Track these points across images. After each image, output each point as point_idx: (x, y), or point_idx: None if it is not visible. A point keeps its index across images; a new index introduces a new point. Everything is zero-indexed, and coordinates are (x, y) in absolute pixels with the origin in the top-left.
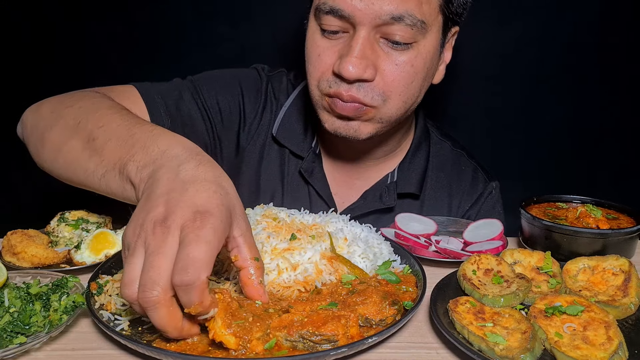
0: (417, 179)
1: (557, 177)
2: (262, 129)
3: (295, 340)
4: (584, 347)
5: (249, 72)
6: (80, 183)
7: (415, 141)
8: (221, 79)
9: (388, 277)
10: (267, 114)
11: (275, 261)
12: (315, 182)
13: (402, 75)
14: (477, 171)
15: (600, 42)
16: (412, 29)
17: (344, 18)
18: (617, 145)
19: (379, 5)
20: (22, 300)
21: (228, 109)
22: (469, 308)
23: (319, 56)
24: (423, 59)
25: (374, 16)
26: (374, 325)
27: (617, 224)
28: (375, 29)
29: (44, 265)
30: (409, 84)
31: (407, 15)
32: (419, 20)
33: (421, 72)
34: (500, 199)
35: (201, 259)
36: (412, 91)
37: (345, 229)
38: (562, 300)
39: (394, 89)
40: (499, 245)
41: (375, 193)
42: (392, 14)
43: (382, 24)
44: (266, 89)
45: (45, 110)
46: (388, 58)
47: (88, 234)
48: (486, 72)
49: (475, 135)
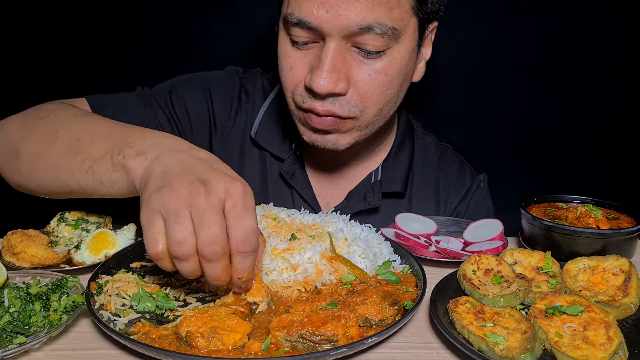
0: (402, 177)
1: (557, 177)
2: (237, 132)
3: (294, 340)
4: (584, 347)
5: (219, 75)
6: (63, 185)
7: (399, 137)
8: (189, 84)
9: (388, 277)
10: (242, 116)
11: (275, 261)
12: (297, 184)
13: (377, 85)
14: (464, 164)
15: (600, 42)
16: (383, 37)
17: (312, 30)
18: (617, 145)
19: (346, 16)
20: (22, 300)
21: (197, 115)
22: (469, 308)
23: (291, 69)
24: (397, 65)
25: (341, 27)
26: (374, 325)
27: (617, 224)
28: (346, 39)
29: (43, 265)
30: (384, 91)
31: (376, 25)
32: (390, 28)
33: (397, 78)
34: (488, 191)
35: (256, 228)
36: (388, 97)
37: (345, 229)
38: (562, 300)
39: (369, 99)
40: (499, 245)
41: (359, 193)
42: (360, 25)
43: (351, 34)
44: (239, 91)
45: (13, 126)
46: (360, 68)
47: (88, 234)
48: (485, 70)
49: (475, 134)
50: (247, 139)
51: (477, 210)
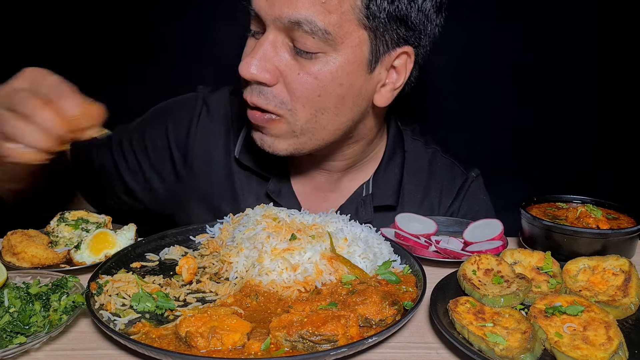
0: (394, 189)
1: (557, 177)
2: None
3: (294, 340)
4: (584, 347)
5: (182, 100)
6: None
7: (389, 148)
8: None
9: (388, 277)
10: (203, 139)
11: (275, 261)
12: (284, 202)
13: (305, 86)
14: (454, 166)
15: (600, 43)
16: (314, 37)
17: (257, 18)
18: (617, 145)
19: (279, 7)
20: (22, 300)
21: (155, 145)
22: (469, 308)
23: (243, 56)
24: (331, 73)
25: (273, 17)
26: (374, 325)
27: (617, 224)
28: (283, 33)
29: (43, 265)
30: (315, 96)
31: (305, 22)
32: (321, 29)
33: (330, 86)
34: (482, 186)
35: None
36: (321, 104)
37: (345, 229)
38: (562, 300)
39: (297, 99)
40: (499, 245)
41: (351, 207)
42: (289, 18)
43: (284, 28)
44: (200, 111)
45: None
46: (291, 65)
47: (88, 234)
48: (485, 72)
49: (475, 135)
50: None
51: (473, 205)
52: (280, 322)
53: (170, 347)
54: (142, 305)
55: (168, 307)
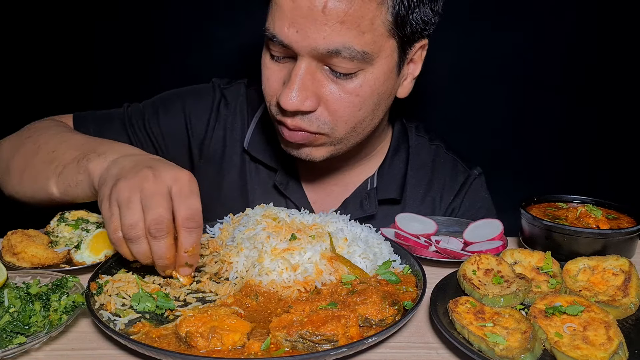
0: (398, 184)
1: (557, 177)
2: (216, 145)
3: (294, 340)
4: (584, 347)
5: (199, 88)
6: (43, 192)
7: (394, 143)
8: (168, 101)
9: (388, 277)
10: (220, 129)
11: (275, 261)
12: (291, 194)
13: (347, 105)
14: (456, 163)
15: (600, 43)
16: (353, 60)
17: (284, 46)
18: (617, 145)
19: (314, 38)
20: (22, 300)
21: (172, 132)
22: (469, 308)
23: (268, 80)
24: (370, 87)
25: (310, 49)
26: (374, 325)
27: (617, 224)
28: (317, 59)
29: (43, 265)
30: (356, 112)
31: (344, 49)
32: (359, 52)
33: (369, 99)
34: (484, 184)
35: (200, 208)
36: (360, 117)
37: (345, 229)
38: (562, 300)
39: (339, 118)
40: (499, 245)
41: (355, 201)
42: (327, 49)
43: (320, 56)
44: (218, 103)
45: (6, 146)
46: (331, 87)
47: (88, 234)
48: (486, 72)
49: (475, 135)
50: (238, 149)
51: (474, 202)
52: (280, 322)
53: (170, 347)
54: (142, 305)
55: (168, 307)
